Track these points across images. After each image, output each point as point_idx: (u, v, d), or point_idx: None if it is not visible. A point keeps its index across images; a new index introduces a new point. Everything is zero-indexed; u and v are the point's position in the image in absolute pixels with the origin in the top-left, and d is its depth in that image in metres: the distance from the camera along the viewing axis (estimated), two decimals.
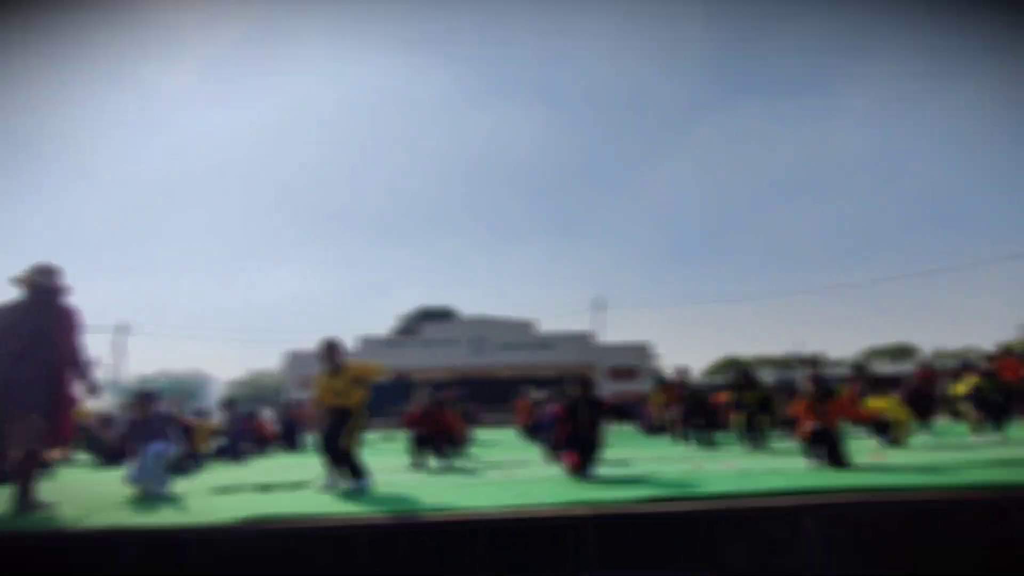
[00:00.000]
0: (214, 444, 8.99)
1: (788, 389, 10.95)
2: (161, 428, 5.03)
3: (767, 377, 12.56)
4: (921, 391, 10.70)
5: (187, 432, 7.61)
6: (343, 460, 4.75)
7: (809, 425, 5.30)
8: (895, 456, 5.89)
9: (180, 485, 5.09)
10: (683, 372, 10.12)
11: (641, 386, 24.74)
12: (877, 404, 7.70)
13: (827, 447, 5.12)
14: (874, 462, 5.35)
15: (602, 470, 5.14)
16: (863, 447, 6.77)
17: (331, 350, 4.95)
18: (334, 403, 4.84)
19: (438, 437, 6.98)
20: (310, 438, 12.53)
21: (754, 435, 7.56)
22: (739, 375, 8.54)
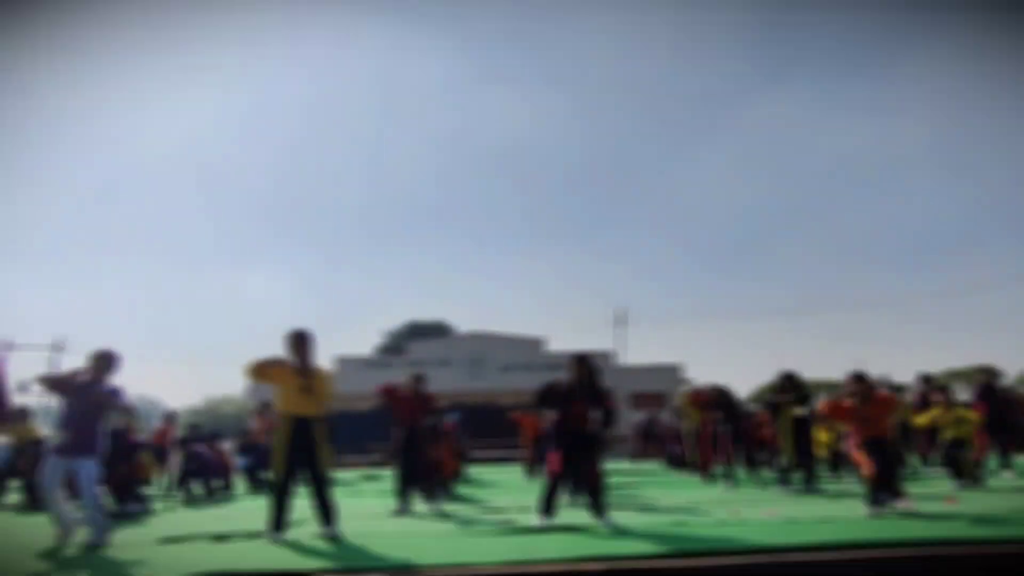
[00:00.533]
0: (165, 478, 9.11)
1: None
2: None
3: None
4: (1003, 420, 10.60)
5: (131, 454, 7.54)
6: (320, 493, 4.69)
7: (863, 455, 5.27)
8: (970, 501, 5.83)
9: (124, 532, 5.09)
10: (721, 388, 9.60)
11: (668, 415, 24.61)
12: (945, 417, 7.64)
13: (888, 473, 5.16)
14: (947, 508, 5.30)
15: (618, 516, 5.11)
16: (931, 489, 6.72)
17: (302, 341, 4.86)
18: (301, 410, 4.74)
19: (428, 475, 6.96)
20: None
21: (805, 465, 7.50)
22: (784, 379, 8.05)
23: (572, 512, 5.98)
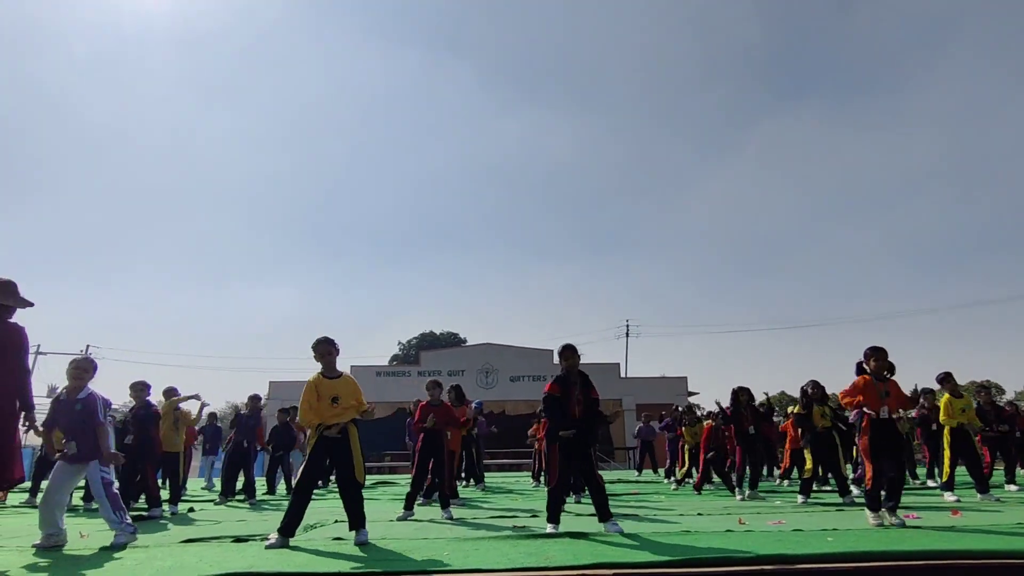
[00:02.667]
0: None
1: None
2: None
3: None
4: (1008, 434, 10.42)
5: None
6: (351, 498, 4.68)
7: (867, 456, 5.07)
8: (972, 516, 5.71)
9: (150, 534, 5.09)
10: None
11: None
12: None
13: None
14: (953, 520, 5.20)
15: (624, 524, 5.05)
16: (929, 499, 6.60)
17: (327, 349, 4.89)
18: (329, 417, 4.73)
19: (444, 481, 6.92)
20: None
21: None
22: (813, 387, 7.84)
23: (581, 519, 5.92)
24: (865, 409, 5.10)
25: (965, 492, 7.59)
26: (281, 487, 11.40)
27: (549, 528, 4.83)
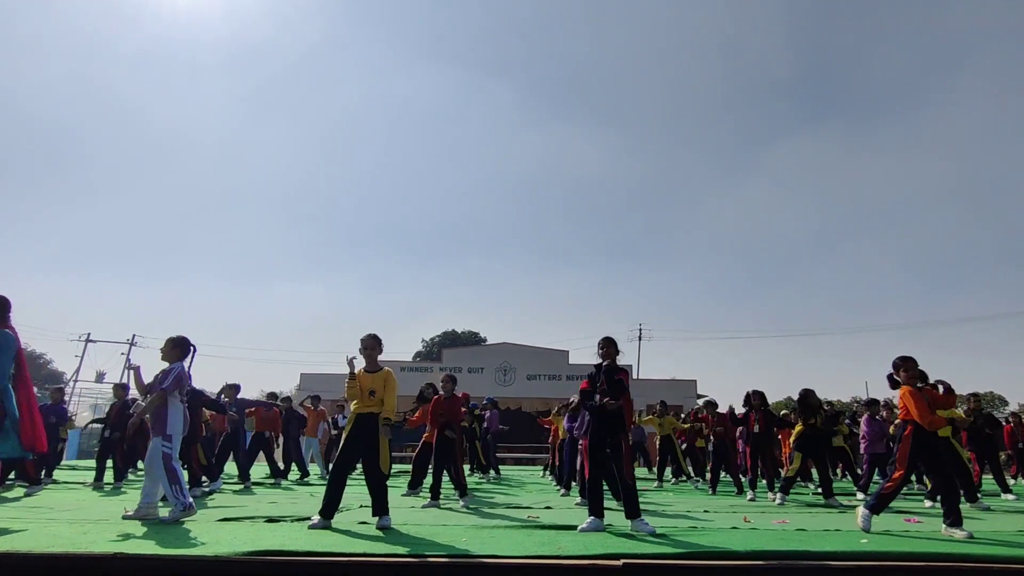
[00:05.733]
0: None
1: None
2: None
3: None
4: (1009, 446, 10.19)
5: None
6: (375, 485, 4.73)
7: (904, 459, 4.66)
8: (972, 523, 5.59)
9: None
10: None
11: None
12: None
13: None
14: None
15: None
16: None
17: (370, 344, 4.96)
18: (364, 407, 4.83)
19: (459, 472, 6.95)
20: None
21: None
22: (808, 396, 7.85)
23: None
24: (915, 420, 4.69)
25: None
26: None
27: (588, 521, 4.58)
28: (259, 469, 11.09)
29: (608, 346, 5.15)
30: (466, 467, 10.88)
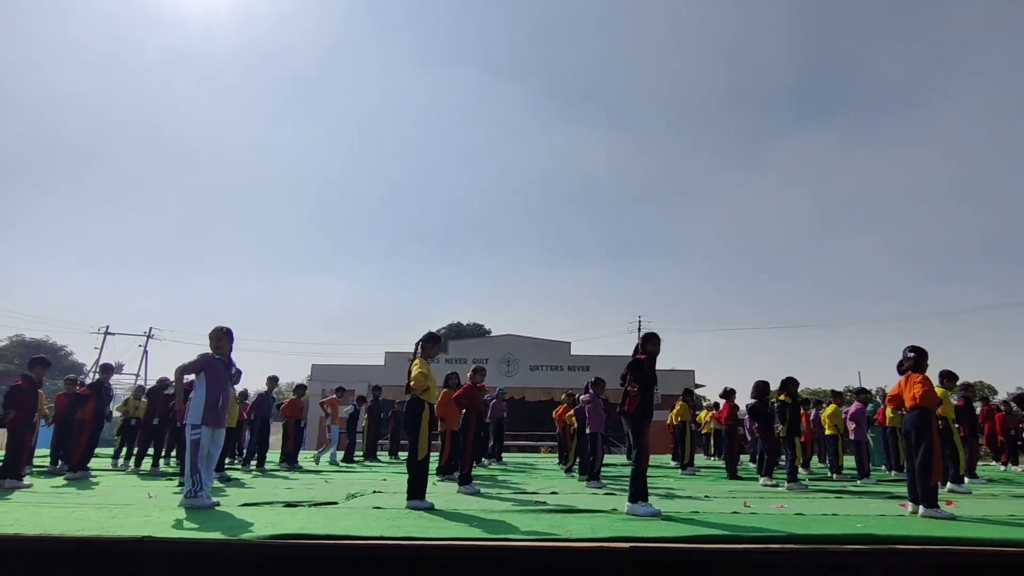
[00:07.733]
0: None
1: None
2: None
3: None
4: (1000, 433, 10.21)
5: None
6: (409, 470, 5.07)
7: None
8: (967, 506, 5.61)
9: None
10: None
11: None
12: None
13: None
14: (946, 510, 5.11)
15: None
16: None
17: (425, 342, 5.55)
18: (406, 396, 5.27)
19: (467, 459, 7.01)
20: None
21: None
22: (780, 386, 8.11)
23: (597, 497, 5.96)
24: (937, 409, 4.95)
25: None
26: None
27: (640, 507, 4.62)
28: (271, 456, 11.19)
29: (643, 342, 5.17)
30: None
